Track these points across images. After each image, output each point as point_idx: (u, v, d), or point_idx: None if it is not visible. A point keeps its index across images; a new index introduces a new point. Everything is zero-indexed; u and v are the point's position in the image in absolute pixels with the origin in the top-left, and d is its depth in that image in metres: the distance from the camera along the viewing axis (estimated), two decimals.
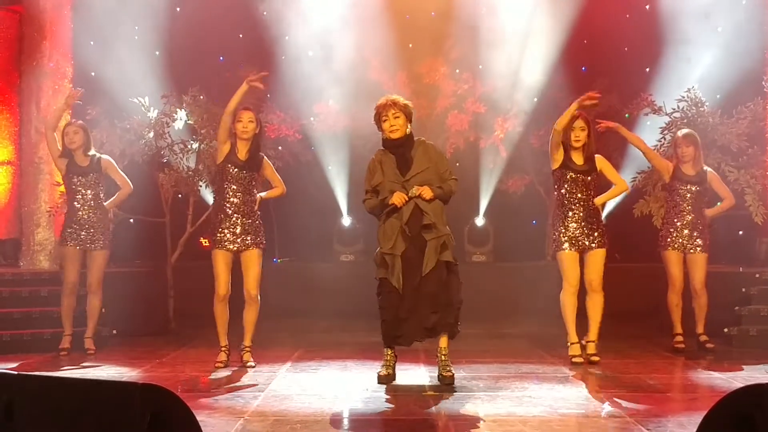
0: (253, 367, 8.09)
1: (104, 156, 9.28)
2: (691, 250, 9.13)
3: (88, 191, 9.07)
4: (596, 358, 8.23)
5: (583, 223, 8.29)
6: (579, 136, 8.25)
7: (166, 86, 10.94)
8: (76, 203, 9.06)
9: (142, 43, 11.35)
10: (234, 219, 8.17)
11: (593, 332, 8.36)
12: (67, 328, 9.13)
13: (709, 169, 9.30)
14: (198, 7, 11.94)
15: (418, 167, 7.23)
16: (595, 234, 8.31)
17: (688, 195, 9.11)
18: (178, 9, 11.99)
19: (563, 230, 8.32)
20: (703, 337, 9.16)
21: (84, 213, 9.07)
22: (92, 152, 9.15)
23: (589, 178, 8.29)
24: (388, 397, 6.84)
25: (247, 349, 8.24)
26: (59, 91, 10.70)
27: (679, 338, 9.15)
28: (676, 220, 9.15)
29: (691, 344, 9.15)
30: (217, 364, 8.14)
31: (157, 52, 11.56)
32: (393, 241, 7.12)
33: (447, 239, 7.19)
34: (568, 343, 8.34)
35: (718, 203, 9.44)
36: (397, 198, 7.11)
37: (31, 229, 10.60)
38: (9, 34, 11.06)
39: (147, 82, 11.02)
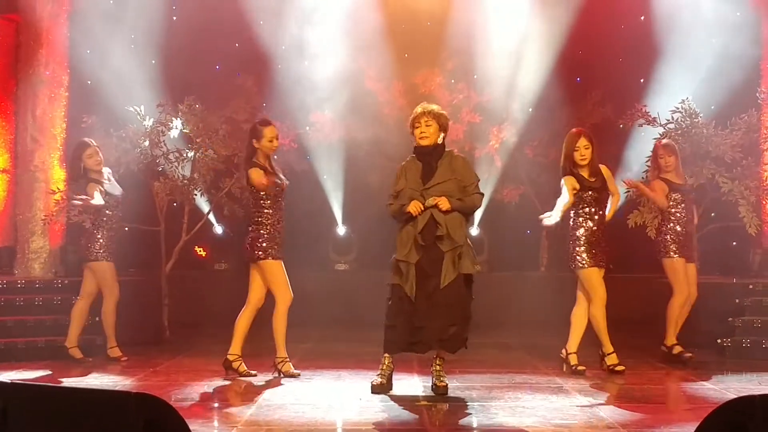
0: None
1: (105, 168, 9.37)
2: (690, 260, 9.14)
3: (118, 206, 9.25)
4: (582, 368, 8.26)
5: (601, 240, 8.33)
6: (584, 154, 8.27)
7: (162, 95, 10.95)
8: (113, 219, 9.18)
9: (139, 51, 11.36)
10: (279, 230, 8.18)
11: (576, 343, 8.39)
12: (111, 340, 9.24)
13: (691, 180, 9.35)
14: (194, 16, 11.95)
15: (439, 177, 7.26)
16: (605, 252, 8.35)
17: (680, 204, 9.11)
18: (174, 18, 12.01)
19: (586, 247, 8.31)
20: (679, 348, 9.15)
21: (118, 227, 9.27)
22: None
23: (600, 193, 8.31)
24: (381, 406, 6.83)
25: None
26: (55, 99, 10.72)
27: (679, 348, 9.13)
28: (678, 228, 9.10)
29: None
30: (294, 374, 8.11)
31: (154, 61, 11.57)
32: (408, 249, 7.17)
33: (464, 250, 7.20)
34: (606, 354, 8.34)
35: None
36: (413, 207, 7.16)
37: (26, 237, 10.59)
38: (6, 42, 11.07)
39: (143, 90, 11.02)
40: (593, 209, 8.29)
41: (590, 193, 8.27)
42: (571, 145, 8.31)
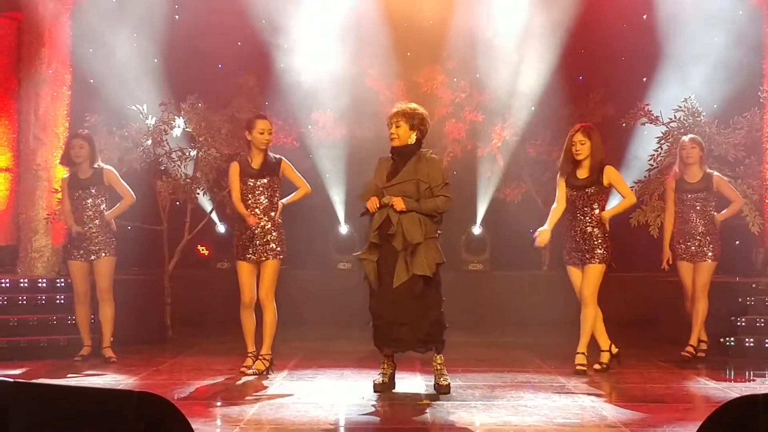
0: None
1: (107, 167, 9.21)
2: (700, 259, 9.12)
3: (88, 202, 9.05)
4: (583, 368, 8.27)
5: (578, 239, 8.32)
6: (579, 150, 8.27)
7: (164, 94, 10.94)
8: (78, 216, 9.03)
9: (141, 50, 11.36)
10: (252, 229, 8.22)
11: (583, 344, 8.36)
12: (85, 338, 9.15)
13: (714, 173, 9.27)
14: (196, 14, 11.95)
15: (400, 177, 7.25)
16: (595, 249, 8.30)
17: (697, 204, 9.11)
18: (176, 17, 12.01)
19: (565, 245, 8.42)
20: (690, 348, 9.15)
21: (86, 226, 9.02)
22: (97, 164, 9.13)
23: (589, 191, 8.29)
24: (384, 405, 6.83)
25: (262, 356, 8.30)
26: (58, 97, 10.71)
27: (703, 345, 9.18)
28: (683, 230, 9.14)
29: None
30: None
31: (156, 60, 11.56)
32: (366, 246, 7.24)
33: (420, 249, 7.09)
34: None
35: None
36: (370, 203, 7.20)
37: (29, 236, 10.59)
38: (8, 41, 11.06)
39: (145, 89, 11.01)
40: (579, 208, 8.33)
41: (573, 192, 8.33)
42: (569, 140, 8.35)
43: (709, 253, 9.06)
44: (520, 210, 12.88)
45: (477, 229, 12.84)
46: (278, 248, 8.25)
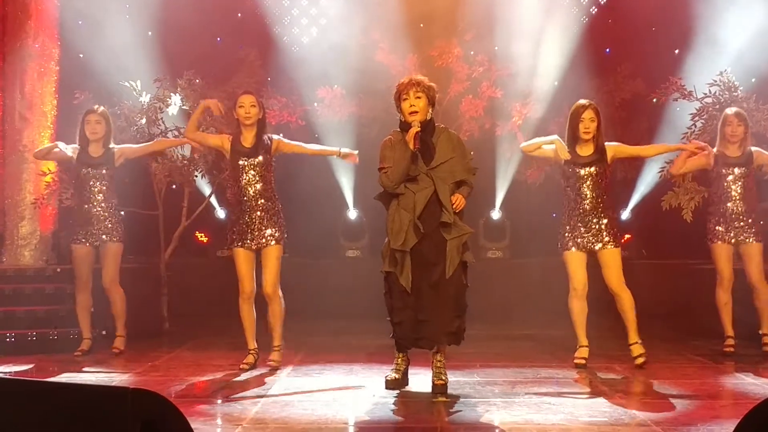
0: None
1: (117, 146, 9.33)
2: (745, 240, 9.05)
3: (96, 183, 9.13)
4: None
5: (588, 223, 8.37)
6: (589, 127, 8.27)
7: (159, 69, 10.96)
8: (84, 197, 9.13)
9: (134, 22, 11.36)
10: (252, 213, 8.22)
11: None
12: (85, 331, 9.23)
13: (755, 148, 9.22)
14: None
15: (443, 156, 7.06)
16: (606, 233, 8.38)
17: (738, 180, 9.05)
18: None
19: (567, 229, 8.52)
20: (766, 338, 9.10)
21: (93, 208, 9.13)
22: (111, 144, 9.23)
23: (591, 171, 8.32)
24: (396, 403, 6.83)
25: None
26: (45, 73, 10.71)
27: (730, 341, 9.07)
28: (723, 209, 9.08)
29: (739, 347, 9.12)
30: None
31: (150, 33, 11.56)
32: (404, 236, 6.95)
33: (467, 238, 7.12)
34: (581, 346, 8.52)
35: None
36: (410, 133, 6.94)
37: (15, 222, 10.61)
38: None
39: (139, 64, 11.02)
40: (579, 188, 8.31)
41: (577, 170, 8.30)
42: (576, 117, 8.33)
43: (754, 233, 9.02)
44: (542, 193, 12.85)
45: (496, 214, 12.84)
46: (277, 233, 8.23)
